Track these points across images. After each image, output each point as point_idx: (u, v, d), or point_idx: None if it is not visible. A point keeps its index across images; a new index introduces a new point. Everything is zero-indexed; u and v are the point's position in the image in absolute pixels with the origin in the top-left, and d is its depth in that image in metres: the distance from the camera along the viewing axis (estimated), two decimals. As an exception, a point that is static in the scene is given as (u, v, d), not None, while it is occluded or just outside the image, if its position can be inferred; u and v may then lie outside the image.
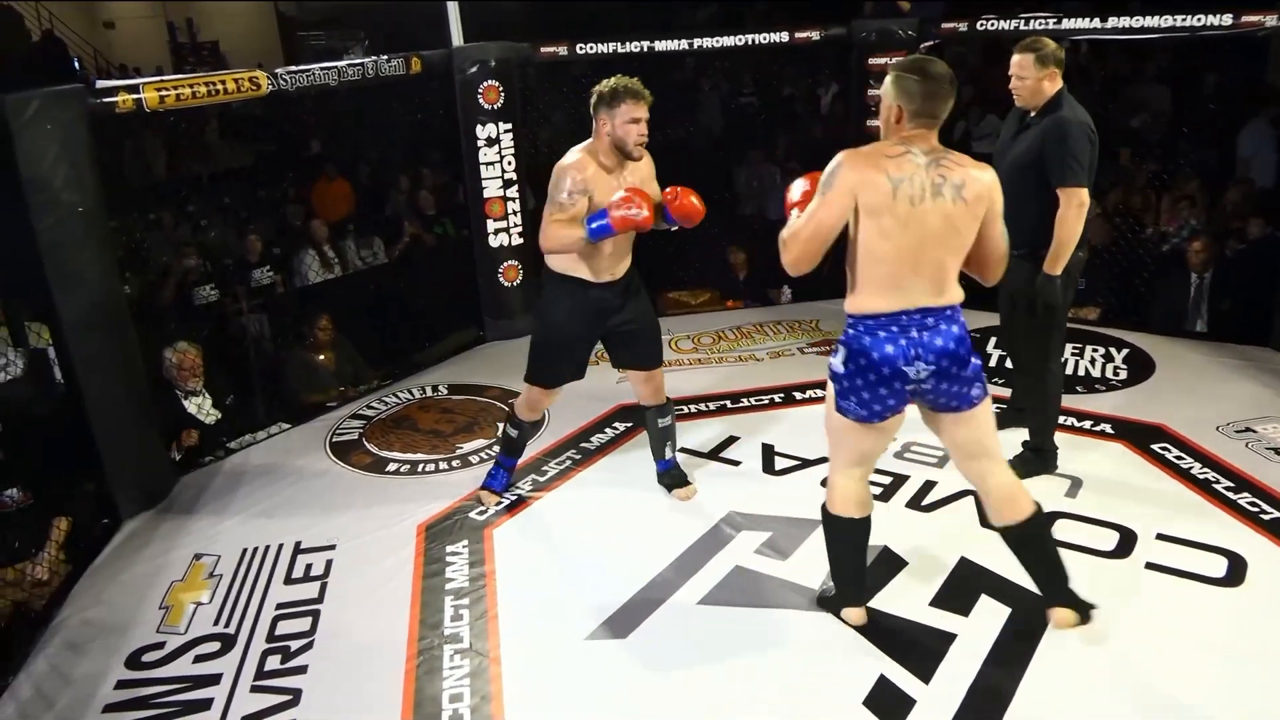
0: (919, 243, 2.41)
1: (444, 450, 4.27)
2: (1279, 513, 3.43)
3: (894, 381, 2.51)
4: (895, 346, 2.47)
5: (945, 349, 2.48)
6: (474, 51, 5.12)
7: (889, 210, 2.39)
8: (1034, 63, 3.41)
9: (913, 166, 2.40)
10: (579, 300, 3.39)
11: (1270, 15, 4.60)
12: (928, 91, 2.40)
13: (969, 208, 2.42)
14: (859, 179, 2.40)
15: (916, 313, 2.46)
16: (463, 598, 3.21)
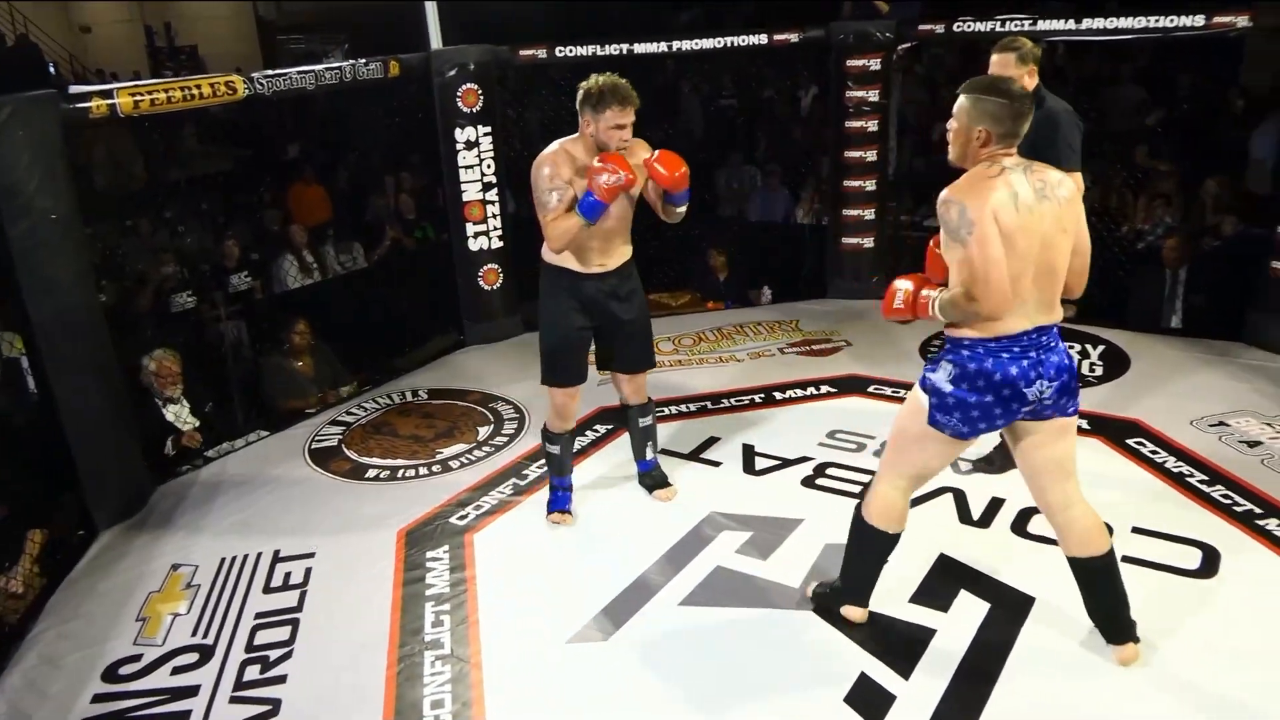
0: (1040, 251, 2.40)
1: (424, 456, 4.25)
2: (1251, 505, 3.47)
3: (1013, 402, 2.47)
4: (1019, 368, 2.43)
5: (1063, 365, 2.49)
6: (453, 54, 5.11)
7: (1018, 227, 2.36)
8: (1015, 61, 3.47)
9: (1017, 179, 2.39)
10: (571, 291, 3.35)
11: (1241, 16, 4.66)
12: (1015, 112, 2.39)
13: (1067, 207, 2.43)
14: (990, 205, 2.34)
15: (1034, 331, 2.44)
16: (443, 603, 3.20)
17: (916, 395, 2.62)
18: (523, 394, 4.77)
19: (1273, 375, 4.53)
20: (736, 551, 3.37)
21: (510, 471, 4.05)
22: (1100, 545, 2.63)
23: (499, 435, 4.40)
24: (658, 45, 5.38)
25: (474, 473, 4.07)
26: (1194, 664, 2.72)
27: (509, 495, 3.86)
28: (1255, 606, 2.95)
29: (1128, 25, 4.93)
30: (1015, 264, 2.36)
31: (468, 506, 3.80)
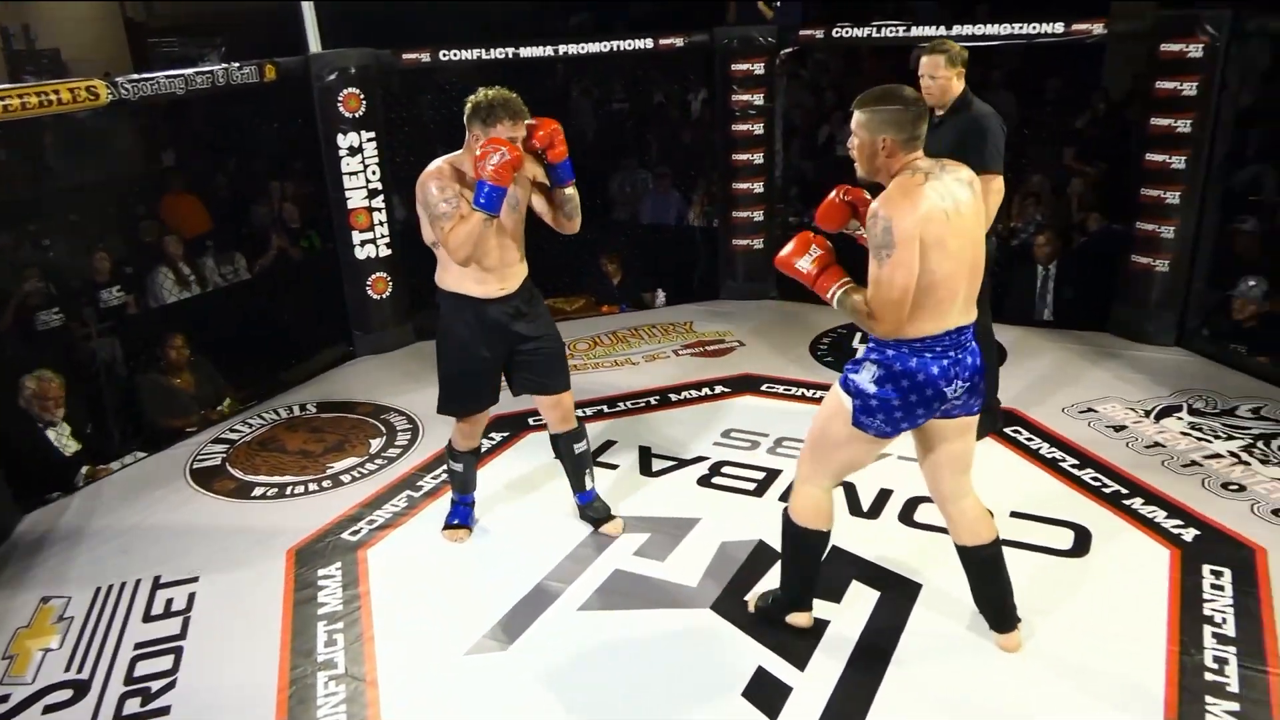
0: (971, 250, 2.45)
1: (314, 471, 4.13)
2: (1118, 486, 3.67)
3: (934, 401, 2.50)
4: (939, 367, 2.46)
5: (975, 365, 2.53)
6: (332, 58, 4.99)
7: (950, 232, 2.37)
8: (945, 63, 3.63)
9: (940, 183, 2.39)
10: (475, 318, 3.18)
11: (1097, 24, 4.93)
12: (914, 116, 2.40)
13: (977, 198, 2.47)
14: (918, 219, 2.33)
15: (955, 332, 2.47)
16: (336, 622, 3.12)
17: (837, 396, 2.60)
18: (416, 405, 4.68)
19: (1135, 363, 4.80)
20: (635, 554, 3.38)
21: (404, 484, 3.97)
22: (987, 535, 2.72)
23: (391, 447, 4.31)
24: (544, 49, 5.36)
25: (366, 486, 3.98)
26: (1067, 639, 2.86)
27: (403, 508, 3.79)
28: (1123, 581, 3.12)
29: (995, 32, 5.16)
30: (949, 265, 2.38)
31: (360, 521, 3.71)
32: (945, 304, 2.42)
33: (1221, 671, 2.69)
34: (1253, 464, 3.78)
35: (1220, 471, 3.74)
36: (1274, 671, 2.68)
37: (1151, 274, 4.96)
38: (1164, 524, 3.40)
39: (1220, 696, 2.60)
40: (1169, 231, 4.86)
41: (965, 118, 3.67)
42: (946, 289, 2.41)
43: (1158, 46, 4.74)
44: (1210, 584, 3.07)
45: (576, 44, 5.56)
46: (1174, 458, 3.86)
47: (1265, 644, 2.79)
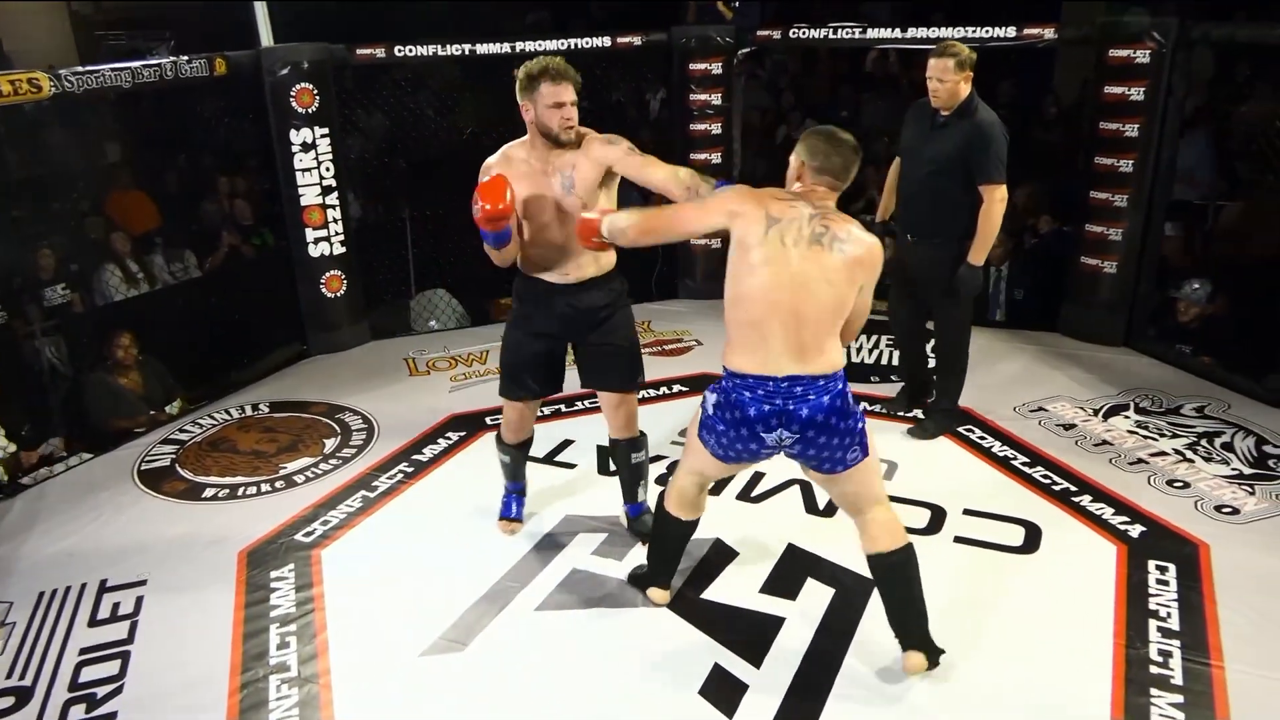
0: (790, 291, 2.39)
1: (266, 471, 4.07)
2: (1067, 484, 3.74)
3: (751, 442, 2.51)
4: (757, 410, 2.45)
5: (812, 419, 2.44)
6: (284, 53, 4.91)
7: (759, 244, 2.39)
8: (954, 67, 3.60)
9: (795, 213, 2.42)
10: (531, 303, 3.14)
11: (1048, 28, 5.01)
12: (829, 150, 2.45)
13: (846, 264, 2.40)
14: (739, 207, 2.45)
15: (785, 380, 2.42)
16: (289, 624, 3.07)
17: (698, 408, 2.69)
18: (370, 404, 4.64)
19: (1084, 363, 4.89)
20: (592, 553, 3.38)
21: (359, 484, 3.92)
22: (888, 543, 2.61)
23: (346, 447, 4.26)
24: (500, 46, 5.33)
25: (320, 487, 3.92)
26: (1018, 633, 2.91)
27: (358, 508, 3.74)
28: (1071, 576, 3.18)
29: (949, 35, 5.22)
30: (754, 287, 2.41)
31: (314, 522, 3.65)
32: (755, 340, 2.43)
33: (1166, 665, 2.75)
34: (1196, 462, 3.87)
35: (1165, 469, 3.82)
36: (1216, 664, 2.75)
37: (1100, 275, 5.06)
38: (1111, 520, 3.47)
39: (1165, 689, 2.66)
40: (1117, 234, 4.96)
41: (970, 124, 3.69)
42: (758, 312, 2.42)
43: (1106, 52, 4.83)
44: (1155, 579, 3.14)
45: (533, 41, 5.53)
46: (1121, 455, 3.94)
47: (1208, 637, 2.86)
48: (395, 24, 6.79)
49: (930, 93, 3.74)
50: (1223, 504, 3.56)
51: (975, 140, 3.64)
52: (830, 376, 2.46)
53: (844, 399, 2.49)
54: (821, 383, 2.44)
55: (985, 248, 3.76)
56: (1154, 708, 2.60)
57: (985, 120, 3.66)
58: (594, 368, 3.23)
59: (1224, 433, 4.10)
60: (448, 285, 6.03)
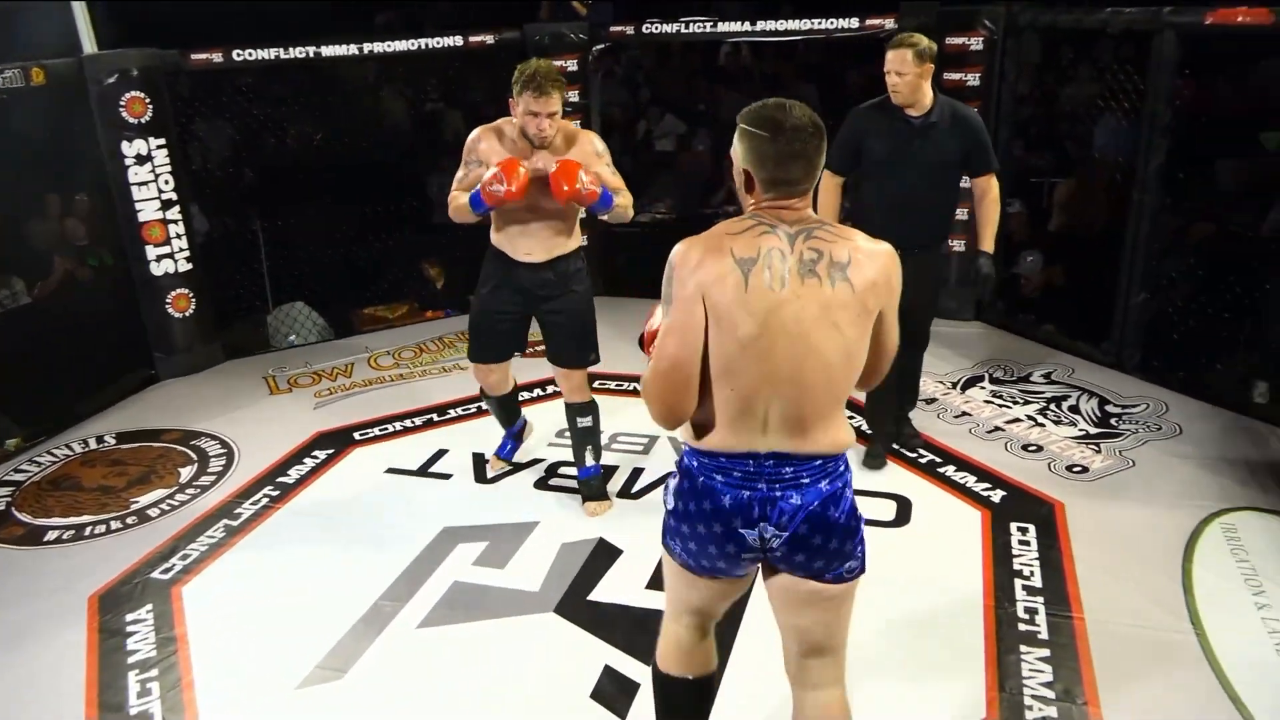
0: (784, 347, 1.75)
1: (116, 508, 3.81)
2: (933, 455, 3.89)
3: (726, 542, 1.86)
4: (733, 499, 1.82)
5: (810, 514, 1.82)
6: (111, 59, 4.61)
7: (741, 304, 1.74)
8: (913, 58, 3.34)
9: (769, 241, 1.76)
10: (497, 274, 3.42)
11: (888, 19, 5.19)
12: (782, 152, 1.75)
13: (857, 295, 1.75)
14: (707, 274, 1.75)
15: (770, 458, 1.81)
16: (150, 669, 2.88)
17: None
18: (228, 427, 4.41)
19: (941, 339, 5.06)
20: (474, 564, 3.30)
21: (220, 512, 3.72)
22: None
23: (204, 475, 4.03)
24: (347, 47, 5.15)
25: (177, 519, 3.70)
26: (896, 605, 3.00)
27: (221, 538, 3.55)
28: (942, 545, 3.31)
29: (796, 27, 5.35)
30: (736, 354, 1.77)
31: (173, 557, 3.44)
32: (748, 408, 1.79)
33: (1032, 621, 2.89)
34: (1047, 425, 4.09)
35: (1020, 435, 4.02)
36: (1078, 616, 2.91)
37: (951, 255, 5.28)
38: (974, 488, 3.63)
39: (1033, 644, 2.79)
40: (963, 213, 5.18)
41: (963, 122, 3.47)
42: (747, 383, 1.77)
43: (943, 40, 5.04)
44: (1018, 540, 3.30)
45: (383, 42, 5.37)
46: (980, 425, 4.12)
47: (1068, 591, 3.02)
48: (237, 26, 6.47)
49: (889, 88, 3.41)
50: (1073, 464, 3.77)
51: (976, 136, 3.48)
52: (832, 457, 1.85)
53: (847, 488, 1.90)
54: (819, 464, 1.83)
55: (994, 236, 3.60)
56: (1024, 662, 2.72)
57: (972, 114, 3.52)
58: (548, 339, 3.52)
59: (1070, 396, 4.34)
60: (307, 298, 5.80)
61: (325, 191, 6.13)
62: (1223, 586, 3.01)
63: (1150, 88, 4.32)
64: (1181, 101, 4.37)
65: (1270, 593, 2.97)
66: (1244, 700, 2.54)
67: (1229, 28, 4.00)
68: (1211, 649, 2.74)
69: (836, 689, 2.01)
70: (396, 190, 6.39)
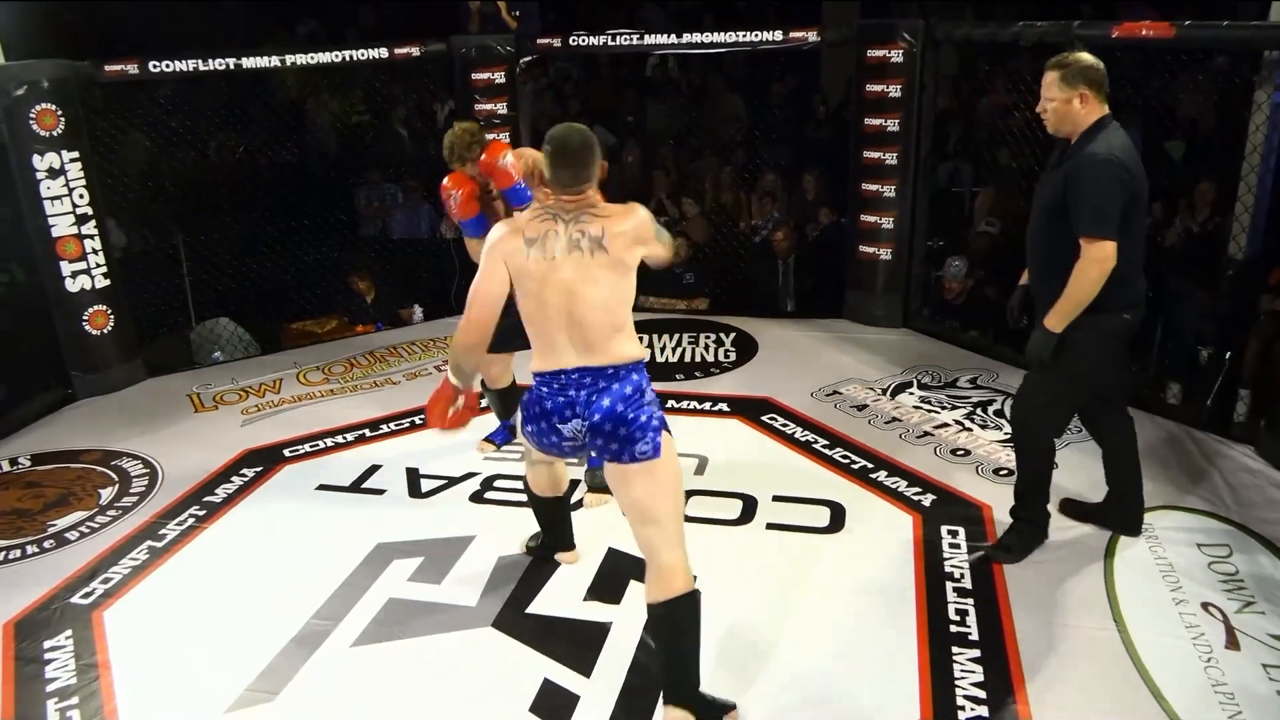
0: (559, 299, 2.45)
1: (32, 531, 3.67)
2: (865, 461, 3.95)
3: (551, 435, 2.56)
4: (553, 404, 2.51)
5: (605, 409, 2.46)
6: (19, 71, 4.45)
7: (526, 272, 2.45)
8: (1058, 82, 2.86)
9: (550, 225, 2.46)
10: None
11: (811, 31, 5.29)
12: (555, 161, 2.47)
13: (611, 255, 2.43)
14: (505, 247, 2.49)
15: (574, 372, 2.48)
16: (70, 697, 2.77)
17: None
18: (151, 446, 4.29)
19: (870, 346, 5.21)
20: (409, 579, 3.25)
21: (144, 534, 3.61)
22: (666, 590, 2.49)
23: (126, 496, 3.90)
24: (269, 60, 5.05)
25: (98, 542, 3.58)
26: (831, 611, 3.04)
27: (144, 560, 3.44)
28: (875, 549, 3.35)
29: (721, 39, 5.42)
30: (531, 305, 2.49)
31: (93, 581, 3.33)
32: (549, 342, 2.49)
33: (963, 622, 2.94)
34: (974, 430, 4.19)
35: (948, 439, 4.12)
36: (1006, 616, 2.96)
37: (876, 262, 5.40)
38: (905, 492, 3.70)
39: (964, 645, 2.84)
40: (888, 222, 5.31)
41: (1075, 159, 2.86)
42: (540, 326, 2.49)
43: (864, 52, 5.16)
44: (948, 543, 3.36)
45: (306, 54, 5.28)
46: (909, 430, 4.21)
47: (997, 592, 3.08)
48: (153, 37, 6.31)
49: (1041, 116, 2.99)
50: (1000, 466, 3.87)
51: (1071, 178, 2.84)
52: (622, 366, 2.49)
53: (638, 390, 2.49)
54: (611, 371, 2.48)
55: (1068, 312, 2.88)
56: (955, 664, 2.77)
57: (1090, 153, 2.81)
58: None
59: (995, 400, 4.47)
60: (231, 313, 5.66)
61: (249, 204, 6.01)
62: (1142, 584, 3.10)
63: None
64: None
65: (1187, 588, 3.07)
66: (1165, 695, 2.62)
67: (1134, 40, 4.18)
68: (1133, 645, 2.82)
69: (674, 552, 2.52)
70: (324, 203, 6.29)
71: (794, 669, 2.79)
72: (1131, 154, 2.85)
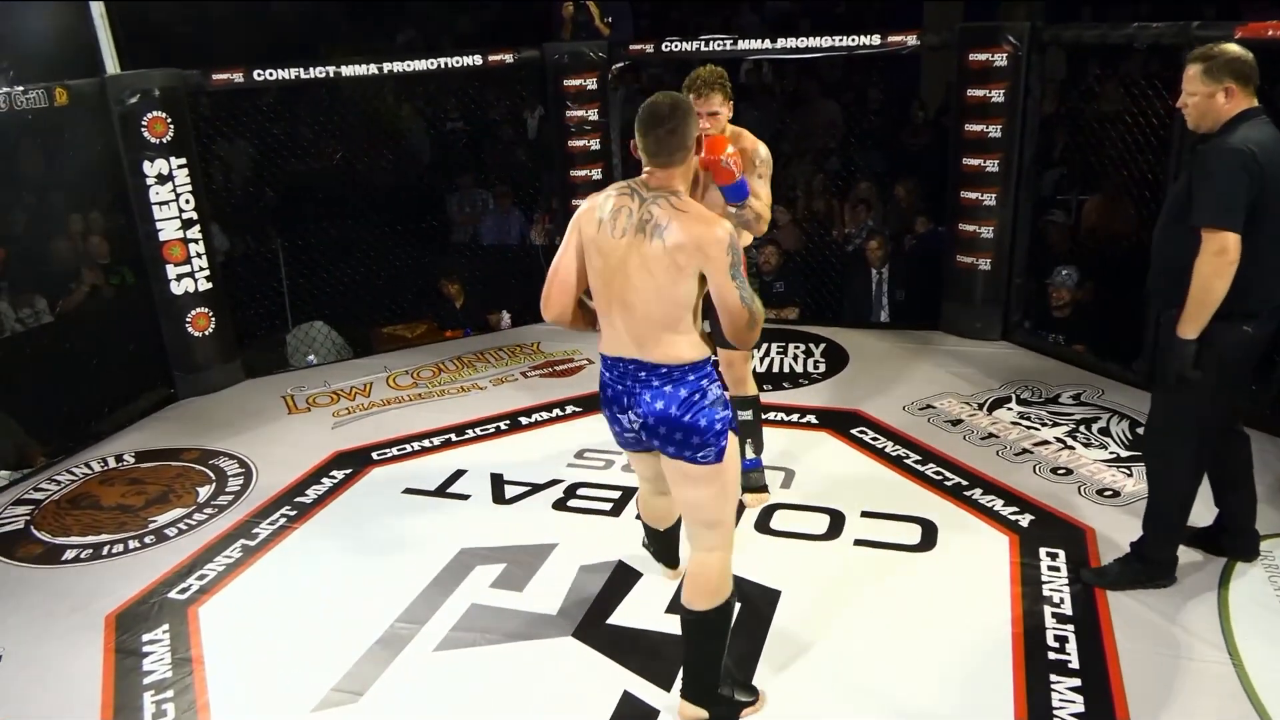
0: (618, 280, 2.32)
1: (134, 527, 3.80)
2: (959, 478, 3.80)
3: (612, 424, 2.48)
4: (613, 390, 2.42)
5: (657, 411, 2.36)
6: (132, 80, 4.63)
7: (595, 243, 2.34)
8: (1201, 75, 2.68)
9: (626, 200, 2.32)
10: None
11: (910, 35, 5.15)
12: (643, 130, 2.29)
13: (668, 253, 2.25)
14: (582, 213, 2.39)
15: (630, 363, 2.37)
16: (165, 690, 2.85)
17: None
18: (246, 446, 4.40)
19: (966, 358, 5.02)
20: (491, 586, 3.25)
21: (237, 532, 3.70)
22: (692, 600, 2.48)
23: (222, 494, 4.01)
24: (366, 68, 5.16)
25: (195, 539, 3.68)
26: (922, 633, 2.92)
27: (238, 559, 3.52)
28: (968, 570, 3.22)
29: (817, 44, 5.31)
30: (594, 279, 2.38)
31: (190, 577, 3.42)
32: (610, 323, 2.38)
33: (1063, 650, 2.80)
34: (1077, 448, 4.00)
35: (1049, 457, 3.93)
36: (1110, 644, 2.81)
37: (975, 273, 5.21)
38: (1002, 511, 3.54)
39: (1063, 674, 2.70)
40: (988, 231, 5.12)
41: (1204, 150, 2.72)
42: (603, 304, 2.38)
43: (967, 56, 4.99)
44: (1047, 566, 3.20)
45: (403, 62, 5.38)
46: (1007, 447, 4.04)
47: (1100, 618, 2.92)
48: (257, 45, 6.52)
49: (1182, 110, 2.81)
50: (1104, 487, 3.68)
51: (1196, 166, 2.69)
52: (677, 367, 2.34)
53: (697, 392, 2.36)
54: (665, 371, 2.34)
55: (1194, 316, 2.67)
56: (1054, 693, 2.63)
57: (1221, 141, 2.65)
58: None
59: (1100, 418, 4.25)
60: (326, 317, 5.80)
61: (345, 210, 6.16)
62: (1261, 615, 2.91)
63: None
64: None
65: (1311, 622, 2.87)
66: (1287, 735, 2.45)
67: (1260, 42, 3.93)
68: (1249, 679, 2.64)
69: (717, 553, 2.49)
70: (416, 209, 6.41)
71: (880, 694, 2.68)
72: (1271, 150, 2.61)
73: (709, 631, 2.51)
